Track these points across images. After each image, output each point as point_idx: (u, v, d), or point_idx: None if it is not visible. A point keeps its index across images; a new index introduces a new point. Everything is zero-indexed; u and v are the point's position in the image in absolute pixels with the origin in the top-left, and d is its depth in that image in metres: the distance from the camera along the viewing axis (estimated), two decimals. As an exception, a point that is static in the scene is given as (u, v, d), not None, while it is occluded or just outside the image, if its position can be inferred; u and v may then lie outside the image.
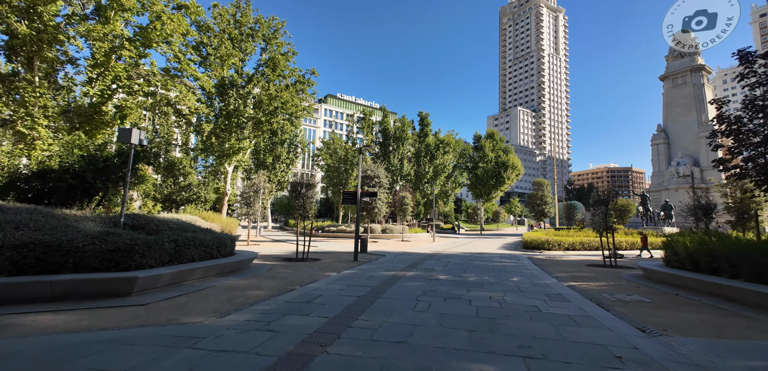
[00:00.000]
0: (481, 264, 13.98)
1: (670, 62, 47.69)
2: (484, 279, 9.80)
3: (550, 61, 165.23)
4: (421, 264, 13.26)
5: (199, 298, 6.81)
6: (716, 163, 10.23)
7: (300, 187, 13.33)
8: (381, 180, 26.75)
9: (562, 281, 10.13)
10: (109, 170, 10.02)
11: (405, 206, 30.89)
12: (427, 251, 20.01)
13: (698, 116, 43.28)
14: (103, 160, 10.15)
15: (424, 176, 53.29)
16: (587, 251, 23.40)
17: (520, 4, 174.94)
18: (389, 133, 51.64)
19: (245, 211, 21.02)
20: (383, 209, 26.50)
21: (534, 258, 18.57)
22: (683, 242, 9.57)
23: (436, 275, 10.37)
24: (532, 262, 15.63)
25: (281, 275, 9.87)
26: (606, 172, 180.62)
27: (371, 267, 12.06)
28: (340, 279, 9.31)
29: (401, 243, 26.17)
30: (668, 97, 47.25)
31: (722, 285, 7.18)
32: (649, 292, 8.43)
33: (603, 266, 14.73)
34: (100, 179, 9.79)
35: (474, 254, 18.86)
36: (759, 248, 7.01)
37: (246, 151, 33.27)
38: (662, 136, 47.27)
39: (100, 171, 9.78)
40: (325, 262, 13.25)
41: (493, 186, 56.18)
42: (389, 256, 15.95)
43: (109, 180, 10.23)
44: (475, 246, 25.34)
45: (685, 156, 44.12)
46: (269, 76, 31.60)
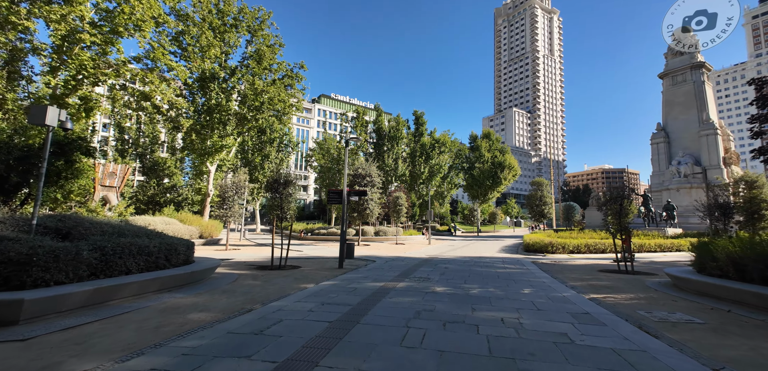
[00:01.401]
0: (483, 271, 12.37)
1: (669, 60, 46.75)
2: (490, 292, 8.17)
3: (544, 62, 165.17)
4: (414, 271, 11.61)
5: (114, 326, 5.09)
6: (757, 152, 8.76)
7: (277, 184, 11.61)
8: (373, 179, 25.11)
9: (581, 292, 8.55)
10: (29, 161, 8.19)
11: (399, 207, 29.28)
12: (422, 255, 18.37)
13: (699, 114, 42.28)
14: (20, 149, 8.34)
15: (419, 176, 51.75)
16: (593, 254, 21.92)
17: (515, 5, 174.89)
18: (383, 132, 50.05)
19: (224, 213, 19.21)
20: (376, 210, 24.87)
21: (538, 262, 17.03)
22: (724, 245, 8.04)
23: (432, 287, 8.72)
24: (539, 268, 14.07)
25: (243, 289, 8.15)
26: (601, 173, 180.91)
27: (357, 276, 10.37)
28: (316, 293, 7.62)
29: (395, 247, 24.51)
30: (668, 95, 46.26)
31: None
32: (691, 308, 6.87)
33: (618, 271, 13.25)
34: (15, 172, 7.98)
35: (473, 259, 17.27)
36: None
37: (230, 149, 31.43)
38: (662, 135, 46.23)
39: (17, 162, 7.96)
40: (304, 270, 11.54)
41: (490, 187, 54.81)
42: (379, 262, 14.28)
43: (30, 173, 8.43)
44: (474, 250, 23.77)
45: (686, 155, 43.05)
46: (255, 70, 29.84)
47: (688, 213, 38.16)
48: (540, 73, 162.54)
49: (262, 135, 43.69)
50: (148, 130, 47.14)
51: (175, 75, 25.78)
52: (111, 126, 49.37)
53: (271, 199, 12.06)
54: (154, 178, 42.96)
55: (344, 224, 12.59)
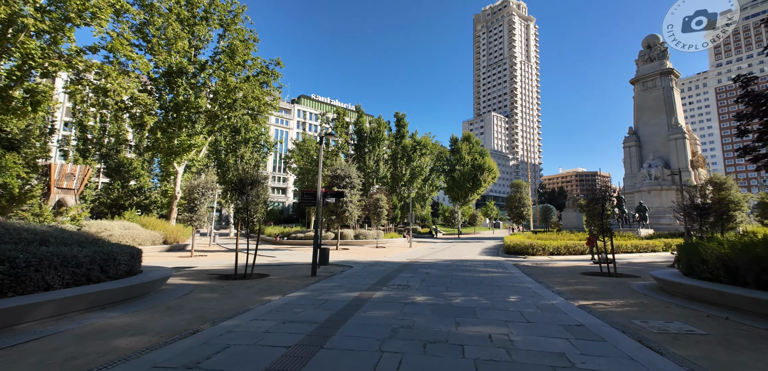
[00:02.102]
0: (466, 275, 11.74)
1: (640, 66, 48.43)
2: (474, 301, 7.48)
3: (521, 68, 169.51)
4: (394, 278, 10.81)
5: (5, 362, 3.98)
6: (742, 151, 8.59)
7: (243, 185, 10.53)
8: (353, 180, 24.18)
9: (569, 299, 8.01)
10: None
11: (380, 209, 28.47)
12: (402, 259, 17.62)
13: (668, 119, 43.93)
14: None
15: (400, 178, 51.17)
16: (573, 256, 21.92)
17: (494, 12, 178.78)
18: (364, 133, 49.14)
19: (189, 217, 17.73)
20: (356, 212, 23.94)
21: (520, 265, 16.66)
22: (713, 247, 7.72)
23: (411, 296, 7.94)
24: (522, 271, 13.62)
25: (195, 305, 7.07)
26: (575, 176, 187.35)
27: (330, 285, 9.45)
28: (279, 308, 6.67)
29: (375, 250, 23.66)
30: (639, 100, 47.87)
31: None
32: (687, 315, 6.42)
33: (601, 274, 12.98)
34: None
35: (455, 262, 16.68)
36: None
37: (200, 149, 29.65)
38: (634, 138, 47.76)
39: None
40: (272, 280, 10.49)
41: (470, 189, 54.97)
42: (357, 268, 13.39)
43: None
44: (455, 252, 23.29)
45: (656, 158, 44.61)
46: (227, 65, 28.28)
47: (659, 214, 39.41)
48: (517, 79, 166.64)
49: (236, 134, 41.81)
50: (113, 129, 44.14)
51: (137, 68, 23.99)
52: (73, 125, 45.94)
53: (237, 201, 10.95)
54: (118, 179, 40.18)
55: (318, 228, 11.63)
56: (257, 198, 10.98)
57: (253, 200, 10.85)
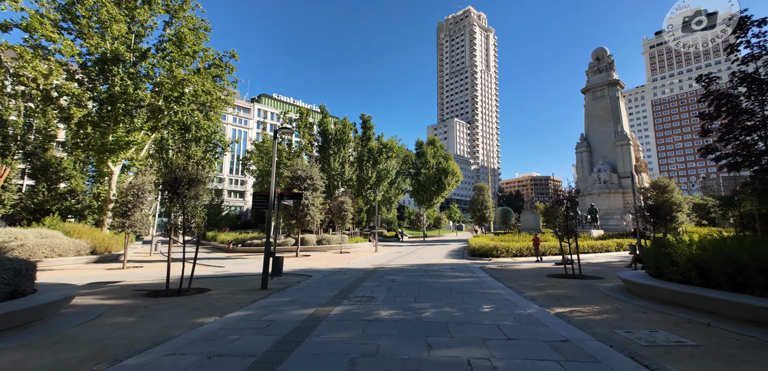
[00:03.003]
0: (434, 282, 10.98)
1: (590, 77, 51.68)
2: (446, 314, 6.64)
3: (482, 76, 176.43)
4: (357, 288, 9.74)
5: None
6: (704, 150, 8.68)
7: (177, 184, 8.93)
8: (315, 182, 22.73)
9: (544, 307, 7.47)
10: None
11: (344, 213, 27.20)
12: (367, 266, 16.58)
13: (615, 126, 47.14)
14: None
15: (366, 181, 50.17)
16: (535, 257, 22.27)
17: (456, 21, 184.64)
18: (329, 134, 47.55)
19: (121, 222, 15.31)
20: (318, 216, 22.50)
21: (486, 267, 16.35)
22: (682, 249, 7.57)
23: (376, 311, 6.94)
24: (490, 275, 13.18)
25: (97, 334, 5.52)
26: (530, 181, 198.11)
27: (281, 300, 8.18)
28: (210, 335, 5.35)
29: (338, 256, 22.38)
30: (589, 108, 50.99)
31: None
32: (668, 322, 6.06)
33: (566, 276, 12.89)
34: None
35: (422, 267, 15.96)
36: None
37: (141, 147, 26.52)
38: (585, 144, 50.74)
39: None
40: (213, 295, 8.97)
41: (435, 193, 55.36)
42: (316, 277, 12.13)
43: None
44: (421, 256, 22.70)
45: (605, 163, 47.68)
46: (174, 55, 25.58)
47: (607, 216, 41.93)
48: (478, 87, 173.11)
49: (186, 132, 38.38)
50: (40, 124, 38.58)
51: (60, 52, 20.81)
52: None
53: (169, 204, 9.29)
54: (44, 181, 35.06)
55: (270, 233, 10.26)
56: (196, 200, 9.39)
57: (190, 202, 9.25)
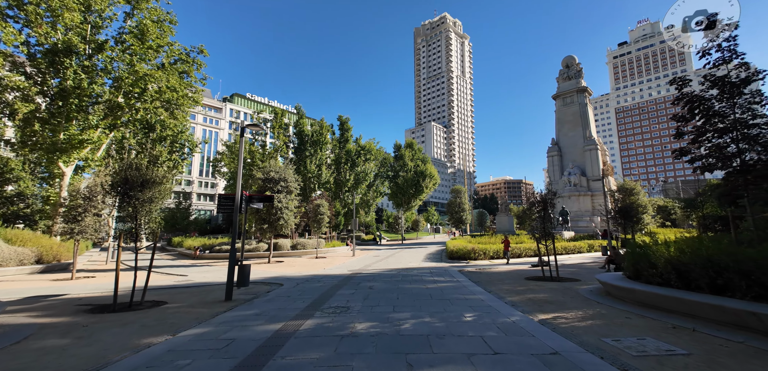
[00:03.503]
0: (414, 288, 10.52)
1: (560, 83, 53.54)
2: (426, 325, 6.17)
3: (458, 82, 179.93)
4: (332, 297, 9.10)
5: None
6: (678, 152, 8.78)
7: (128, 185, 7.95)
8: (289, 184, 21.75)
9: (527, 313, 7.18)
10: None
11: (321, 216, 26.30)
12: (344, 271, 15.91)
13: (583, 131, 49.01)
14: None
15: (344, 184, 49.30)
16: (512, 259, 22.40)
17: (433, 27, 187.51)
18: (305, 135, 46.32)
19: (69, 228, 13.75)
20: (292, 220, 21.51)
21: (465, 271, 16.15)
22: (661, 251, 7.52)
23: (351, 324, 6.35)
24: (469, 279, 12.93)
25: (13, 363, 4.58)
26: (504, 184, 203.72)
27: (245, 314, 7.40)
28: (155, 361, 4.57)
29: (313, 262, 21.51)
30: (559, 114, 52.78)
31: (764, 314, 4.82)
32: (652, 327, 5.90)
33: (544, 278, 12.87)
34: None
35: (401, 272, 15.50)
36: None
37: (98, 146, 24.44)
38: (556, 148, 52.45)
39: None
40: (169, 309, 8.04)
41: (413, 195, 55.36)
42: (288, 286, 11.34)
43: None
44: (400, 260, 22.27)
45: (574, 167, 49.45)
46: (135, 48, 23.80)
47: (577, 218, 43.36)
48: (454, 92, 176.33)
49: (150, 132, 36.05)
50: (-20, 120, 34.91)
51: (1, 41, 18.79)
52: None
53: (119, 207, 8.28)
54: (-16, 183, 31.68)
55: (234, 238, 9.40)
56: (151, 203, 8.41)
57: (144, 205, 8.27)
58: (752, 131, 7.18)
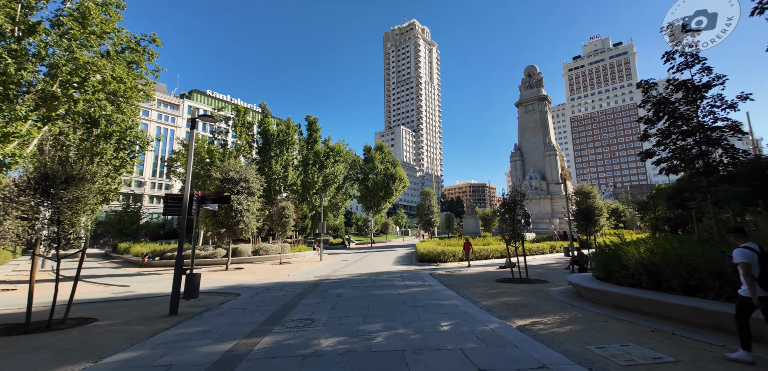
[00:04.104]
0: (385, 294, 9.90)
1: (523, 91, 55.80)
2: (400, 338, 5.57)
3: (426, 88, 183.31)
4: (295, 308, 8.23)
5: None
6: (644, 155, 8.97)
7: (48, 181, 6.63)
8: (251, 185, 20.33)
9: (504, 319, 6.82)
10: None
11: (286, 219, 24.92)
12: (310, 278, 14.94)
13: (544, 138, 51.34)
14: None
15: (312, 186, 47.70)
16: (480, 261, 22.57)
17: (402, 32, 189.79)
18: (271, 135, 44.27)
19: (-21, 235, 11.60)
20: (254, 223, 20.09)
21: (436, 274, 15.84)
22: (632, 252, 7.52)
23: (316, 340, 5.60)
24: (440, 282, 12.56)
25: None
26: (469, 187, 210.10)
27: (190, 331, 6.38)
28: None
29: (277, 268, 20.23)
30: (522, 120, 54.97)
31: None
32: (631, 331, 5.74)
33: (513, 280, 12.83)
34: None
35: (371, 277, 14.84)
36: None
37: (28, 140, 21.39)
38: (518, 153, 54.52)
39: None
40: (96, 329, 6.78)
41: (383, 198, 54.97)
42: (246, 296, 10.26)
43: None
44: (370, 263, 21.59)
45: (535, 171, 51.64)
46: (74, 33, 21.19)
47: (538, 220, 45.17)
48: (422, 97, 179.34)
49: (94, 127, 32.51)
50: None
51: None
52: None
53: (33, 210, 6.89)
54: None
55: (182, 243, 8.26)
56: (77, 204, 7.10)
57: (68, 206, 6.95)
58: (715, 134, 7.45)
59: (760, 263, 4.07)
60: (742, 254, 4.16)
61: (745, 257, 4.12)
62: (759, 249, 4.18)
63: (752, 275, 4.06)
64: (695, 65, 7.90)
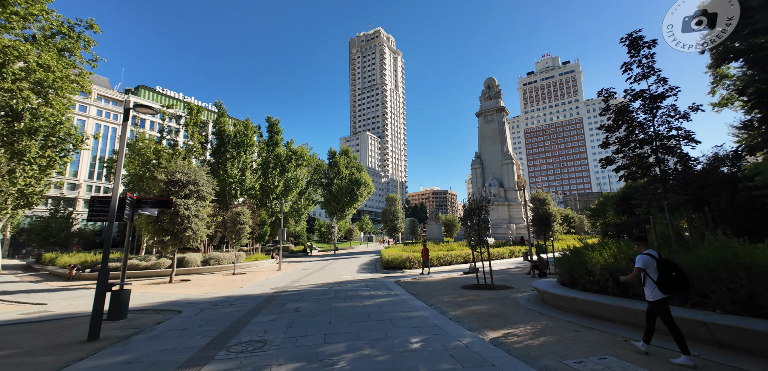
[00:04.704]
0: (349, 307, 9.18)
1: (483, 102, 57.93)
2: (367, 360, 4.91)
3: (391, 95, 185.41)
4: (244, 327, 7.24)
5: None
6: (604, 161, 9.21)
7: None
8: (201, 188, 18.52)
9: (476, 331, 6.44)
10: None
11: (241, 226, 23.13)
12: (266, 290, 13.74)
13: (501, 147, 53.53)
14: None
15: (272, 191, 45.42)
16: (444, 266, 22.54)
17: (367, 39, 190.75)
18: (227, 136, 41.56)
19: None
20: (203, 230, 18.25)
21: (402, 282, 15.37)
22: (597, 257, 7.54)
23: (267, 367, 4.76)
24: (407, 291, 12.08)
25: None
26: (432, 194, 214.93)
27: (110, 363, 5.22)
28: None
29: (229, 280, 18.58)
30: (482, 130, 56.98)
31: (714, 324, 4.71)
32: (604, 342, 5.59)
33: (479, 287, 12.71)
34: None
35: (333, 286, 13.98)
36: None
37: None
38: (479, 161, 56.38)
39: None
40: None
41: (347, 204, 53.90)
42: (189, 313, 8.99)
43: None
44: (333, 272, 20.64)
45: (494, 179, 53.64)
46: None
47: (496, 225, 46.79)
48: (387, 105, 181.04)
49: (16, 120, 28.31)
50: None
51: None
52: None
53: None
54: None
55: (107, 254, 6.93)
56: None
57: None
58: (670, 142, 7.78)
59: (658, 268, 4.57)
60: (641, 260, 4.73)
61: (641, 262, 4.68)
62: (658, 255, 4.69)
63: (640, 275, 4.70)
64: (651, 76, 8.25)
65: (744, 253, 5.05)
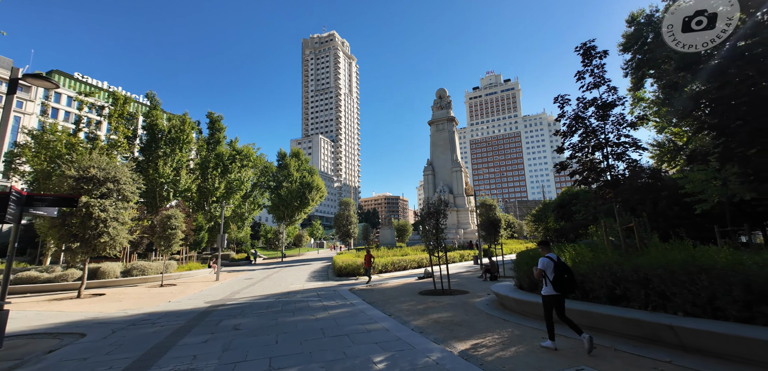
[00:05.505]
0: (299, 321, 8.13)
1: (434, 111, 59.58)
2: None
3: (345, 99, 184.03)
4: (167, 352, 5.87)
5: None
6: (560, 166, 9.43)
7: None
8: (122, 187, 15.84)
9: (442, 343, 5.91)
10: None
11: (172, 231, 20.34)
12: (198, 304, 11.96)
13: (451, 155, 55.37)
14: None
15: (211, 193, 41.45)
16: (398, 272, 22.18)
17: (322, 42, 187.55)
18: (160, 131, 37.04)
19: None
20: (124, 236, 15.55)
21: (356, 290, 14.57)
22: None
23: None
24: (364, 300, 11.32)
25: None
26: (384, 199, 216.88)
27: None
28: None
29: (156, 293, 16.10)
30: (434, 138, 58.48)
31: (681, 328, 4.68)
32: (575, 349, 5.38)
33: (436, 292, 12.43)
34: None
35: (281, 297, 12.68)
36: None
37: None
38: (430, 168, 57.70)
39: None
40: None
41: (297, 208, 51.43)
42: (94, 336, 7.23)
43: None
44: (280, 281, 19.04)
45: (445, 185, 55.23)
46: None
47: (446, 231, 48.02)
48: (342, 109, 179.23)
49: None
50: None
51: None
52: None
53: None
54: None
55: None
56: None
57: None
58: (619, 149, 8.15)
59: (554, 269, 5.26)
60: (542, 262, 5.42)
61: (543, 264, 5.38)
62: (556, 258, 5.38)
63: (544, 276, 5.32)
64: (602, 85, 8.63)
65: (702, 256, 5.19)
